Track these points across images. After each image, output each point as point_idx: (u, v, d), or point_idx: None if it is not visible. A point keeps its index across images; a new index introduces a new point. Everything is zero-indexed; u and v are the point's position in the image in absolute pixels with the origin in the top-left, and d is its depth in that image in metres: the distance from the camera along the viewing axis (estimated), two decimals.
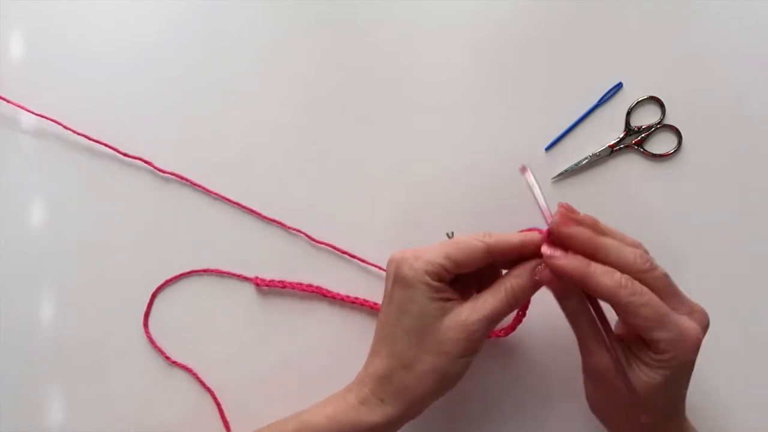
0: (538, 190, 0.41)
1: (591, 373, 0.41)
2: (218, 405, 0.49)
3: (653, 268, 0.38)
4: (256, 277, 0.50)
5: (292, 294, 0.51)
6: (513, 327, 0.47)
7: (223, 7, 0.53)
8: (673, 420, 0.41)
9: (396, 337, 0.40)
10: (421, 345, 0.40)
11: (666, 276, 0.39)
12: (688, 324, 0.37)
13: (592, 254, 0.38)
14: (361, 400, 0.41)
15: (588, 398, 0.43)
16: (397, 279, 0.41)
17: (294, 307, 0.50)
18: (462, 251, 0.40)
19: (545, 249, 0.39)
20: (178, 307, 0.50)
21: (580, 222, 0.39)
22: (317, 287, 0.50)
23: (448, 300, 0.40)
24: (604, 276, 0.37)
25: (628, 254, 0.38)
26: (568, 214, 0.39)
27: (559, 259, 0.38)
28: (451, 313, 0.40)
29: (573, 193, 0.51)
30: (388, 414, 0.40)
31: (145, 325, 0.50)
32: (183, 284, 0.51)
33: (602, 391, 0.41)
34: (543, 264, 0.40)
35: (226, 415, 0.49)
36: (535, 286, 0.41)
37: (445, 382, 0.40)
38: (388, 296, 0.42)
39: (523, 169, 0.42)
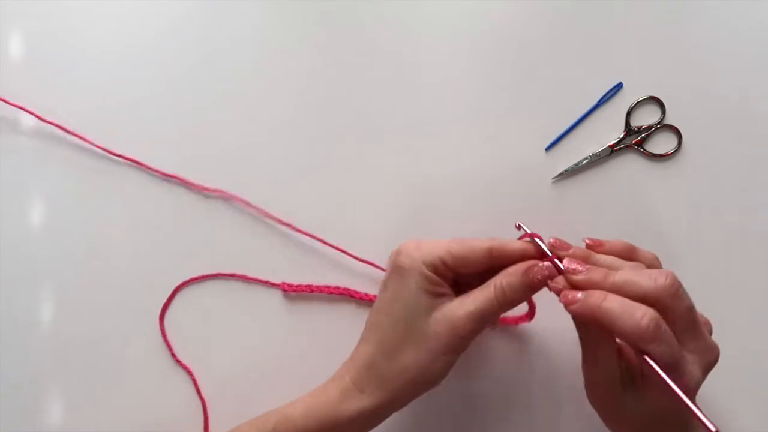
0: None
1: (592, 383, 0.39)
2: (205, 417, 0.48)
3: (681, 297, 0.36)
4: (284, 283, 0.50)
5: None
6: (525, 318, 0.47)
7: (223, 8, 0.53)
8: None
9: (383, 325, 0.40)
10: (407, 336, 0.39)
11: (691, 309, 0.36)
12: (690, 369, 0.36)
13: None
14: (341, 390, 0.40)
15: (589, 397, 0.41)
16: (395, 267, 0.41)
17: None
18: (463, 247, 0.40)
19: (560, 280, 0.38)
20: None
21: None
22: (345, 289, 0.49)
23: (441, 295, 0.40)
24: (622, 317, 0.34)
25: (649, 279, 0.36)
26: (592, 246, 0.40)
27: (576, 302, 0.36)
28: (441, 308, 0.39)
29: (573, 193, 0.51)
30: (365, 405, 0.39)
31: (161, 318, 0.49)
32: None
33: (604, 401, 0.40)
34: (538, 266, 0.39)
35: (211, 429, 0.48)
36: (527, 288, 0.39)
37: (425, 377, 0.39)
38: (384, 283, 0.42)
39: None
